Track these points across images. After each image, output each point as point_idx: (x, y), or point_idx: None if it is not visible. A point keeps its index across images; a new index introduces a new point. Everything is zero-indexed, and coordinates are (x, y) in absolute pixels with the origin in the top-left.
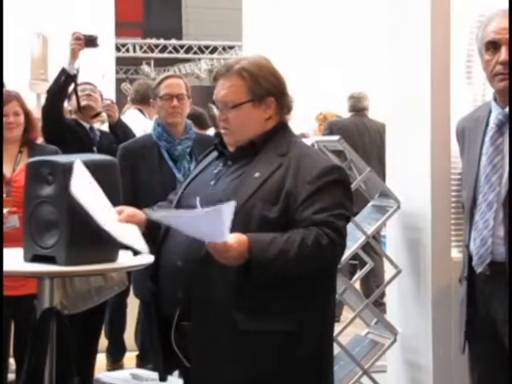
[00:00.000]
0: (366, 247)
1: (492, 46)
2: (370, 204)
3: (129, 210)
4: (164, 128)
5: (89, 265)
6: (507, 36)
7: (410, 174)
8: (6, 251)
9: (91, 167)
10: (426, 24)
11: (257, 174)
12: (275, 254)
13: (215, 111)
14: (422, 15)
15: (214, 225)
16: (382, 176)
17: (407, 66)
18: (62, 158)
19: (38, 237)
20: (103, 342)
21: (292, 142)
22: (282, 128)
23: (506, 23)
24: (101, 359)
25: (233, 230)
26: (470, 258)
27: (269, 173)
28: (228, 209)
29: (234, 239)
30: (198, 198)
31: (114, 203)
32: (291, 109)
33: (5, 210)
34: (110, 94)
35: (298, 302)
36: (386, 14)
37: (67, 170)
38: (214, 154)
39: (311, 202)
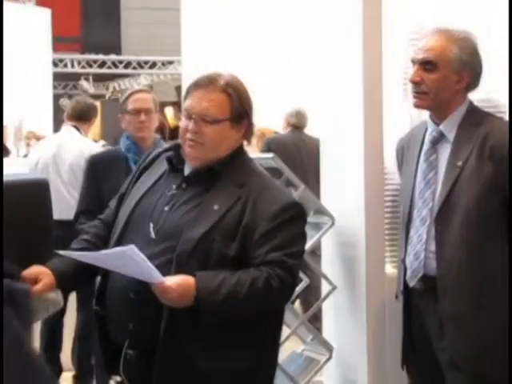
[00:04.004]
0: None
1: (412, 64)
2: None
3: (44, 278)
4: (133, 141)
5: None
6: (420, 56)
7: (344, 191)
8: None
9: (14, 188)
10: (358, 41)
11: (215, 207)
12: (224, 297)
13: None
14: (354, 32)
15: (131, 264)
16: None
17: (340, 84)
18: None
19: None
20: None
21: (251, 170)
22: (240, 153)
23: (429, 43)
24: None
25: (191, 263)
26: (406, 273)
27: (228, 206)
28: (132, 252)
29: (176, 281)
30: (151, 225)
31: (44, 225)
32: (252, 135)
33: None
34: (47, 109)
35: (253, 338)
36: (319, 32)
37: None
38: (163, 167)
39: (266, 240)
